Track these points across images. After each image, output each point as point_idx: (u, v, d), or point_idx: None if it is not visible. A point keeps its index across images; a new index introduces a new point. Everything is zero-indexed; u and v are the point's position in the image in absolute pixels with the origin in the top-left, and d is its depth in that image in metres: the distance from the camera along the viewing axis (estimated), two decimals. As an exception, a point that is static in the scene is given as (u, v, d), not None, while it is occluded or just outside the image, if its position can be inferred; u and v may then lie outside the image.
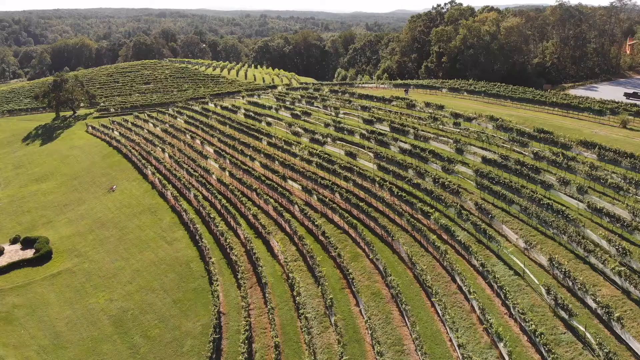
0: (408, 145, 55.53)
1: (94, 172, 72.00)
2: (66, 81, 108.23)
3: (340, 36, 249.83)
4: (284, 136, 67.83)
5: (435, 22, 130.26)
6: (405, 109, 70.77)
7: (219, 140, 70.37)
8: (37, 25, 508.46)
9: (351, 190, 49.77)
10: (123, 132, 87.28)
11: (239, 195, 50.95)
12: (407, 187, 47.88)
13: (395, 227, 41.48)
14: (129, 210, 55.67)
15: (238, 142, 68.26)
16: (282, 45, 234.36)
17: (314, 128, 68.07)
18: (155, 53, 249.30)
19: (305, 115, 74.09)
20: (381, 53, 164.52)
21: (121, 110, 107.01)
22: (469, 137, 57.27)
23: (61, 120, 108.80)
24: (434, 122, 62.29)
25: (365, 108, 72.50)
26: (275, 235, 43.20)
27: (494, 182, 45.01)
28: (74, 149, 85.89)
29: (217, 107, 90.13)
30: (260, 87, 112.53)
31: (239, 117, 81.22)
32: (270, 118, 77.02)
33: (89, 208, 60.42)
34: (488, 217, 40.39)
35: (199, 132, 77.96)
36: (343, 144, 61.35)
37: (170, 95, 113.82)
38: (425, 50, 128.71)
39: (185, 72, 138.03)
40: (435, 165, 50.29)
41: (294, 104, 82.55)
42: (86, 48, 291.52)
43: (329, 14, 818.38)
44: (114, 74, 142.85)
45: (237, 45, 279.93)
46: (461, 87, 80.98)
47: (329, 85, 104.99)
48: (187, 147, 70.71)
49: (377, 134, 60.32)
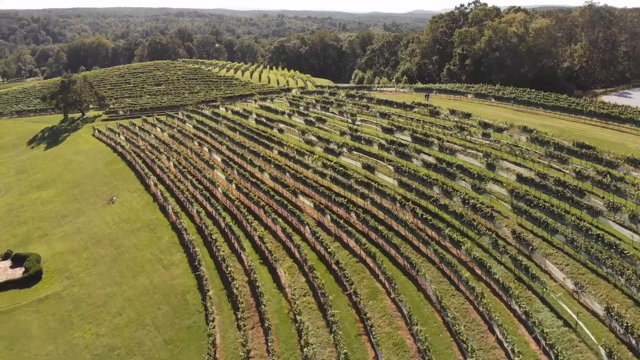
0: (432, 158, 50.25)
1: (96, 180, 68.00)
2: (74, 82, 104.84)
3: (358, 37, 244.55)
4: (296, 145, 63.01)
5: (458, 23, 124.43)
6: (429, 116, 65.40)
7: (228, 148, 65.81)
8: (55, 23, 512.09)
9: (369, 209, 44.71)
10: (129, 136, 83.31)
11: (244, 213, 46.22)
12: (433, 207, 42.65)
13: (421, 257, 36.32)
14: (127, 225, 51.35)
15: (247, 151, 63.63)
16: (298, 45, 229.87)
17: (329, 136, 63.12)
18: (171, 53, 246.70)
19: (319, 122, 69.19)
20: (400, 54, 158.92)
21: (130, 112, 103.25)
22: (500, 151, 51.77)
23: (69, 122, 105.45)
24: (460, 133, 56.85)
25: (385, 115, 67.30)
26: (283, 262, 38.36)
27: (532, 205, 39.59)
28: (79, 153, 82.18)
29: (228, 112, 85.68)
30: (274, 90, 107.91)
31: (250, 123, 76.63)
32: (283, 124, 72.25)
33: (86, 221, 56.28)
34: (528, 249, 34.99)
35: (207, 139, 73.54)
36: (360, 155, 56.32)
37: (181, 98, 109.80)
38: (447, 52, 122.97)
39: (198, 74, 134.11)
40: (464, 182, 44.94)
41: (308, 109, 77.71)
42: (102, 47, 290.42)
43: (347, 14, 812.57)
44: (126, 74, 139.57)
45: (253, 45, 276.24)
46: (488, 93, 75.24)
47: (346, 89, 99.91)
48: (194, 156, 66.29)
49: (397, 144, 55.10)
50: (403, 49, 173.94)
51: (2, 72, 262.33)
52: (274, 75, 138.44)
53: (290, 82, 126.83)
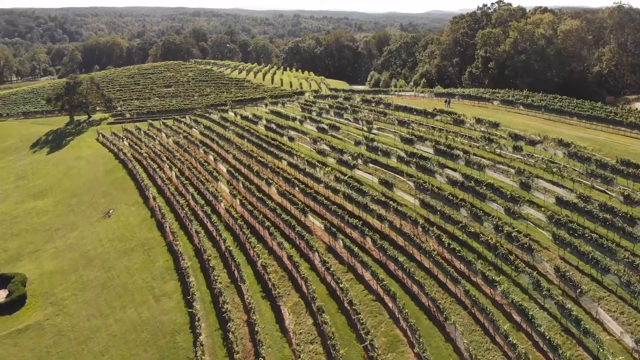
0: (458, 174, 45.07)
1: (94, 189, 63.97)
2: (79, 84, 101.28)
3: (374, 37, 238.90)
4: (307, 155, 58.25)
5: (480, 24, 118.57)
6: (452, 125, 60.07)
7: (234, 157, 61.23)
8: (72, 22, 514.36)
9: (386, 233, 39.70)
10: (133, 142, 79.28)
11: (248, 234, 41.50)
12: (461, 234, 37.49)
13: (448, 297, 31.23)
14: (120, 244, 46.98)
15: (255, 161, 59.02)
16: (313, 46, 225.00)
17: (343, 146, 58.20)
18: (185, 53, 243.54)
19: (333, 130, 64.31)
20: (418, 56, 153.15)
21: (137, 115, 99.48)
22: (534, 167, 46.31)
23: (74, 125, 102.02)
24: (488, 145, 51.46)
25: (403, 123, 62.08)
26: (287, 297, 33.57)
27: (576, 235, 34.28)
28: (80, 159, 78.41)
29: (237, 117, 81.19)
30: (286, 94, 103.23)
31: (259, 129, 72.03)
32: (294, 131, 67.51)
33: (80, 237, 52.11)
34: (575, 292, 29.70)
35: (213, 146, 69.09)
36: (376, 168, 51.31)
37: (190, 101, 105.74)
38: (468, 54, 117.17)
39: (209, 75, 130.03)
40: (495, 204, 39.69)
41: (321, 115, 72.77)
42: (117, 47, 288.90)
43: (363, 14, 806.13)
44: (136, 75, 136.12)
45: (268, 45, 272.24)
46: (516, 100, 69.51)
47: (361, 94, 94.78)
48: (198, 165, 61.85)
49: (418, 157, 49.95)
50: (421, 50, 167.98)
51: (15, 71, 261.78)
52: (287, 77, 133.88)
53: (304, 85, 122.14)
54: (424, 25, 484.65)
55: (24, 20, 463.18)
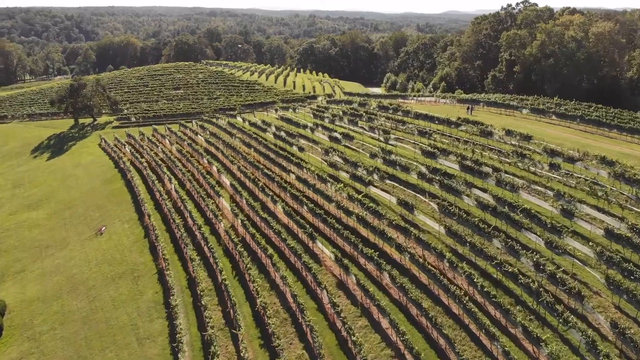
0: (489, 195, 39.63)
1: (89, 202, 59.67)
2: (84, 86, 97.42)
3: (391, 38, 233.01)
4: (318, 167, 53.26)
5: (504, 25, 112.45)
6: (479, 136, 54.45)
7: (239, 168, 56.40)
8: (89, 21, 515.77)
9: (407, 267, 34.46)
10: (136, 148, 74.99)
11: (248, 263, 36.54)
12: (494, 271, 32.10)
13: (483, 356, 25.89)
14: (109, 269, 42.38)
15: (261, 173, 54.18)
16: (327, 47, 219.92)
17: (357, 158, 53.09)
18: (198, 53, 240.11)
19: (346, 139, 59.15)
20: (438, 58, 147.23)
21: (143, 119, 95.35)
22: (575, 189, 40.67)
23: (78, 129, 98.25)
24: (521, 161, 45.84)
25: (424, 133, 56.62)
26: (289, 349, 28.48)
27: (632, 278, 28.77)
28: (79, 167, 74.35)
29: (245, 123, 76.43)
30: (298, 98, 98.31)
31: (268, 137, 67.18)
32: (304, 140, 62.57)
33: (68, 257, 47.69)
34: (638, 356, 24.21)
35: (218, 155, 64.41)
36: (394, 185, 46.05)
37: (199, 104, 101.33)
38: (491, 57, 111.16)
39: (219, 77, 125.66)
40: (534, 235, 34.24)
41: (334, 123, 67.66)
42: (131, 46, 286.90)
43: (379, 14, 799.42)
44: (145, 76, 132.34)
45: (282, 46, 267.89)
46: (547, 109, 63.58)
47: (378, 99, 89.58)
48: (201, 177, 57.12)
49: (442, 173, 44.56)
50: (440, 52, 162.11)
51: (29, 70, 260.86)
52: (300, 80, 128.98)
53: (317, 88, 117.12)
54: (441, 26, 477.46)
55: (40, 19, 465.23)
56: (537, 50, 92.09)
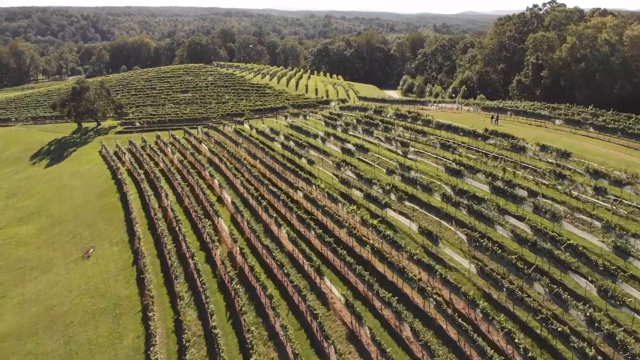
0: (526, 225, 34.01)
1: (81, 217, 55.12)
2: (86, 89, 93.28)
3: (408, 39, 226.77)
4: (328, 184, 48.10)
5: (530, 26, 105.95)
6: (509, 151, 48.55)
7: (243, 183, 51.37)
8: (105, 21, 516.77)
9: (432, 316, 28.97)
10: (136, 157, 70.57)
11: (243, 305, 31.35)
12: (538, 326, 26.50)
13: None
14: (90, 303, 37.58)
15: (266, 190, 49.14)
16: (342, 48, 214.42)
17: (372, 174, 47.78)
18: (211, 54, 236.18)
19: (360, 151, 53.78)
20: (457, 61, 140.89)
21: (147, 124, 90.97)
22: (627, 219, 34.77)
23: (81, 133, 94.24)
24: (561, 183, 39.99)
25: (448, 146, 50.88)
26: None
27: None
28: (76, 176, 70.06)
29: (253, 130, 71.44)
30: (310, 103, 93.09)
31: (276, 147, 62.14)
32: (314, 152, 57.38)
33: (51, 282, 43.07)
34: None
35: (222, 167, 59.56)
36: (415, 208, 40.57)
37: (206, 109, 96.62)
38: (515, 60, 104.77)
39: (229, 80, 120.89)
40: (582, 280, 28.55)
41: (347, 132, 62.25)
42: (145, 47, 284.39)
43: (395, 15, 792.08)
44: (153, 78, 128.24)
45: (297, 47, 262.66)
46: (584, 120, 57.41)
47: (395, 104, 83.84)
48: (201, 192, 52.20)
49: (469, 196, 38.96)
50: (460, 54, 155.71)
51: (42, 70, 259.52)
52: (313, 82, 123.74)
53: (330, 91, 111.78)
54: (458, 27, 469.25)
55: (56, 18, 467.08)
56: (567, 54, 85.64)
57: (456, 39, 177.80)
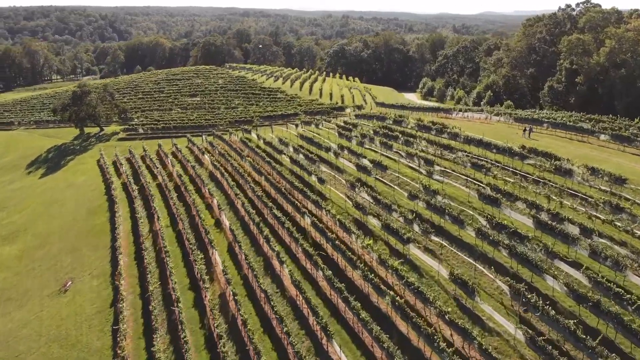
0: (582, 276, 27.41)
1: (66, 240, 49.74)
2: (87, 93, 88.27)
3: (428, 40, 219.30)
4: (341, 207, 41.97)
5: (562, 28, 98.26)
6: (552, 173, 41.69)
7: (244, 205, 45.38)
8: (122, 21, 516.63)
9: (469, 402, 22.58)
10: (135, 168, 65.28)
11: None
12: None
13: None
14: (58, 353, 31.84)
15: (269, 213, 43.16)
16: (359, 49, 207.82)
17: (392, 197, 41.51)
18: (225, 55, 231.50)
19: (378, 169, 47.36)
20: (482, 64, 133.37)
21: (151, 131, 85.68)
22: None
23: (82, 139, 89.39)
24: (619, 218, 33.10)
25: (480, 166, 44.09)
26: None
27: None
28: (70, 189, 64.90)
29: (260, 141, 65.43)
30: (324, 109, 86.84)
31: (284, 161, 56.12)
32: (326, 168, 51.17)
33: (22, 322, 37.60)
34: None
35: (223, 184, 53.70)
36: (443, 244, 34.08)
37: (214, 115, 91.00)
38: (546, 64, 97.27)
39: (240, 84, 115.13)
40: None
41: (363, 145, 55.72)
42: (160, 47, 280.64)
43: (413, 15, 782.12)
44: (162, 81, 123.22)
45: (313, 48, 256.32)
46: (634, 136, 50.17)
47: (417, 111, 77.19)
48: (197, 215, 46.37)
49: (509, 232, 32.35)
50: (483, 56, 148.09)
51: (56, 70, 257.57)
52: (328, 86, 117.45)
53: (346, 96, 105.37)
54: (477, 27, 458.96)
55: (74, 17, 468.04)
56: (606, 58, 78.06)
57: (479, 40, 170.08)
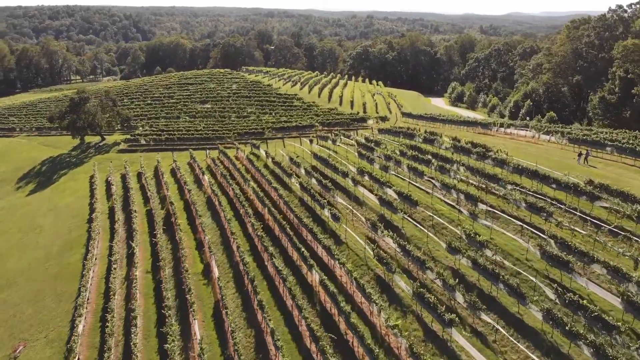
0: None
1: (32, 283, 41.87)
2: (86, 100, 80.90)
3: (457, 41, 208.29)
4: (359, 258, 33.25)
5: (613, 31, 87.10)
6: (635, 222, 31.85)
7: (239, 250, 36.80)
8: (147, 21, 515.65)
9: None
10: (126, 189, 57.49)
11: None
12: None
13: None
14: None
15: (269, 260, 34.48)
16: (384, 51, 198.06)
17: (425, 245, 32.53)
18: (245, 57, 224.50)
19: (406, 203, 38.16)
20: (519, 69, 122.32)
21: (154, 142, 77.93)
22: None
23: (80, 150, 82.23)
24: None
25: (538, 208, 34.27)
26: None
27: None
28: (52, 212, 57.39)
29: (269, 159, 56.84)
30: (343, 120, 77.68)
31: (293, 186, 47.52)
32: (343, 198, 42.36)
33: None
34: None
35: (221, 216, 45.26)
36: (497, 328, 24.80)
37: (223, 125, 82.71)
38: (594, 71, 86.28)
39: (255, 89, 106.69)
40: None
41: (387, 170, 46.29)
42: (180, 48, 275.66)
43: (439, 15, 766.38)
44: (173, 85, 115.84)
45: (335, 49, 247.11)
46: None
47: (449, 126, 67.59)
48: (182, 257, 37.95)
49: (590, 315, 23.03)
50: (517, 59, 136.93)
51: (74, 70, 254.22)
52: (349, 92, 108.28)
53: (368, 103, 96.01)
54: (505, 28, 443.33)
55: (99, 17, 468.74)
56: (670, 65, 67.40)
57: (512, 43, 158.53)
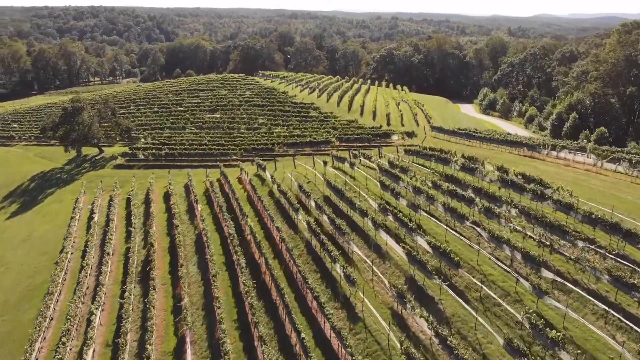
0: None
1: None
2: (80, 110, 73.46)
3: (487, 44, 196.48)
4: (379, 346, 24.11)
5: (677, 33, 75.82)
6: None
7: (221, 325, 28.09)
8: (170, 22, 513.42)
9: None
10: (108, 219, 49.46)
11: None
12: None
13: None
14: None
15: (259, 342, 25.69)
16: (410, 54, 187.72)
17: (473, 334, 23.23)
18: (265, 59, 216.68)
19: (444, 263, 29.00)
20: (561, 77, 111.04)
21: (153, 157, 70.05)
22: None
23: (75, 164, 74.98)
24: None
25: (627, 285, 24.60)
26: None
27: None
28: (25, 244, 49.81)
29: (274, 186, 48.04)
30: (364, 135, 68.22)
31: (300, 224, 38.86)
32: (360, 247, 33.45)
33: None
34: None
35: (208, 262, 36.67)
36: None
37: (230, 138, 74.34)
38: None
39: (269, 97, 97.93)
40: None
41: (418, 208, 36.88)
42: (201, 49, 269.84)
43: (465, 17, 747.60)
44: (183, 91, 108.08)
45: (359, 51, 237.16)
46: None
47: (488, 145, 57.79)
48: (154, 329, 29.45)
49: None
50: (556, 65, 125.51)
51: (93, 72, 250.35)
52: (371, 100, 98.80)
53: (393, 114, 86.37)
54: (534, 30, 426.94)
55: (123, 18, 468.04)
56: None
57: (549, 46, 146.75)
